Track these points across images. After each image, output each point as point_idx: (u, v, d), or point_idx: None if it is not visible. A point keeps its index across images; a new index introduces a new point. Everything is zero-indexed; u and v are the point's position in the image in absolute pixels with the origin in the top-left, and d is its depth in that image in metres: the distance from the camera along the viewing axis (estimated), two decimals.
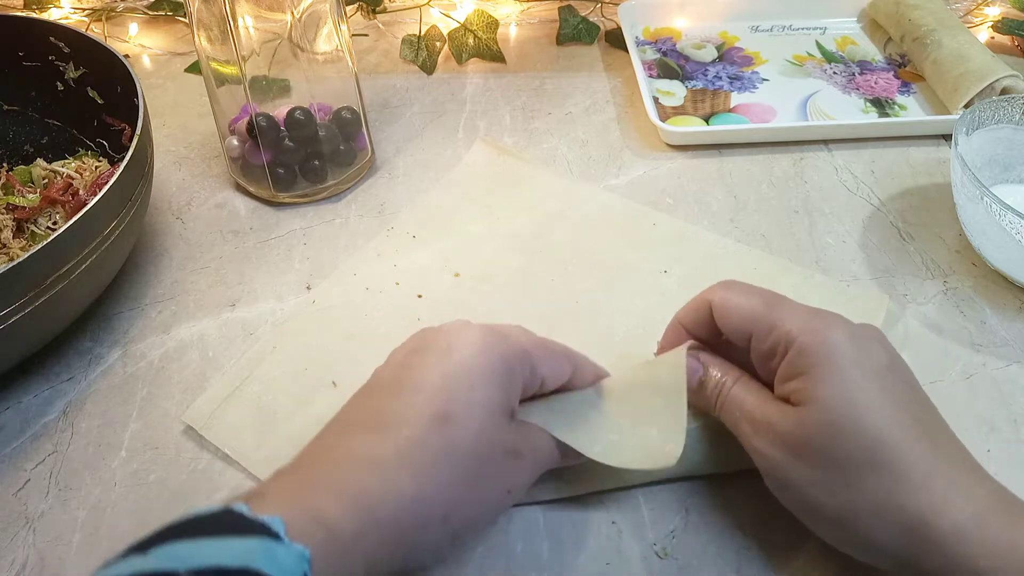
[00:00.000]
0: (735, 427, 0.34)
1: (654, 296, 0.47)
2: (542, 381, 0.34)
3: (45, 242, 0.37)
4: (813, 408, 0.31)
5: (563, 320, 0.46)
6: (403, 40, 0.69)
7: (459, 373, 0.31)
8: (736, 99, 0.63)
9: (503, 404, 0.32)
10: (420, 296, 0.47)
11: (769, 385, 0.34)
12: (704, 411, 0.36)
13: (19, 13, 0.67)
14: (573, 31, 0.71)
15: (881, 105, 0.62)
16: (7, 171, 0.54)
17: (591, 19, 0.72)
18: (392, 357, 0.34)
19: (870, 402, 0.30)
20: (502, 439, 0.32)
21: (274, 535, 0.26)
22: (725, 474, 0.38)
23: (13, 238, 0.49)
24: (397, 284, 0.48)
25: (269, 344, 0.45)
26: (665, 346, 0.38)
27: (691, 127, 0.60)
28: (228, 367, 0.44)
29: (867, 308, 0.46)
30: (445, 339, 0.33)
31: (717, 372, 0.36)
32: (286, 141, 0.52)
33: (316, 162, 0.54)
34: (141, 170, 0.45)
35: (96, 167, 0.53)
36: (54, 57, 0.53)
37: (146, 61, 0.70)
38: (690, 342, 0.37)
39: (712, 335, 0.36)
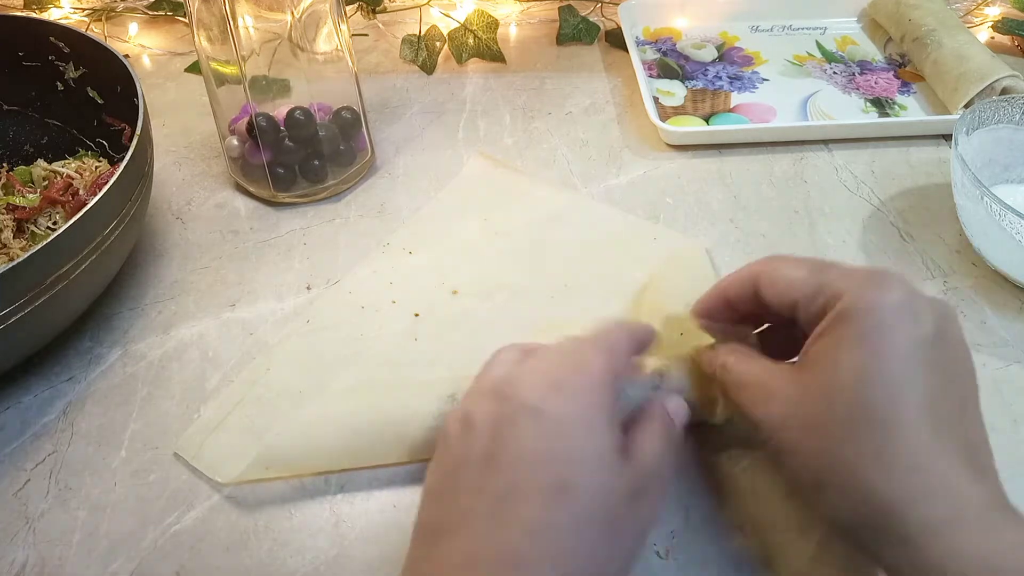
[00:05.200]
0: (737, 397, 0.33)
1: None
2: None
3: (45, 242, 0.37)
4: (819, 368, 0.30)
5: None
6: (403, 40, 0.69)
7: (557, 431, 0.29)
8: (736, 99, 0.63)
9: (612, 442, 0.30)
10: (417, 315, 0.46)
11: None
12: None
13: (19, 13, 0.67)
14: (573, 31, 0.71)
15: (881, 105, 0.62)
16: (7, 171, 0.54)
17: (591, 19, 0.72)
18: (471, 420, 0.31)
19: (883, 375, 0.28)
20: (622, 484, 0.29)
21: None
22: (725, 474, 0.39)
23: (13, 238, 0.49)
24: (393, 303, 0.47)
25: (263, 366, 0.44)
26: (703, 311, 0.37)
27: (691, 127, 0.60)
28: (222, 390, 0.43)
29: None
30: (528, 403, 0.29)
31: (719, 354, 0.35)
32: (286, 141, 0.52)
33: (316, 162, 0.54)
34: (141, 170, 0.45)
35: (96, 167, 0.53)
36: (54, 57, 0.53)
37: (146, 61, 0.70)
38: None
39: (753, 309, 0.35)
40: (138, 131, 0.44)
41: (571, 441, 0.29)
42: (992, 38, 0.71)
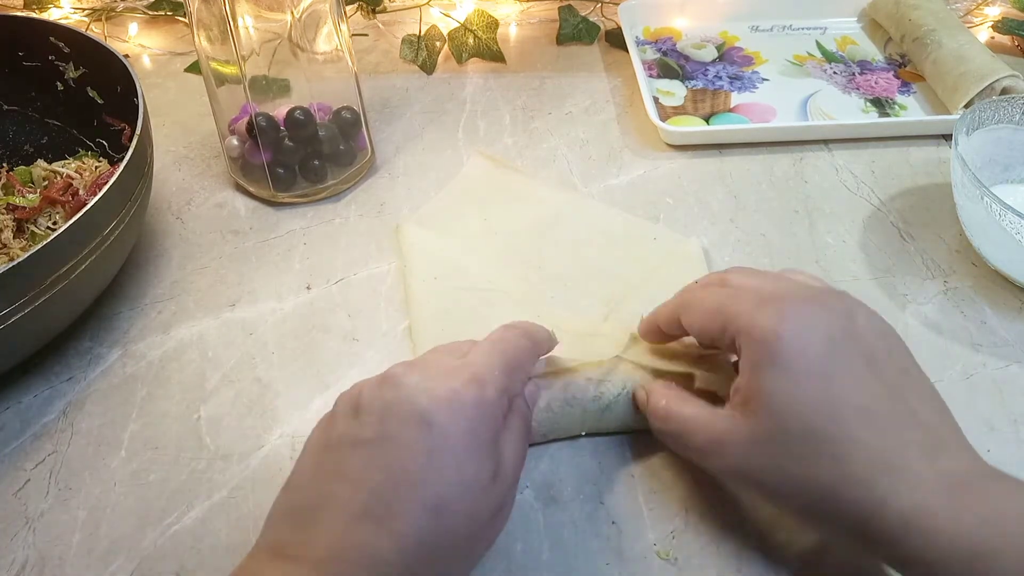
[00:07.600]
0: (684, 452, 0.35)
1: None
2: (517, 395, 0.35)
3: (45, 242, 0.37)
4: (754, 409, 0.31)
5: (563, 339, 0.44)
6: (403, 40, 0.69)
7: (444, 450, 0.29)
8: (736, 99, 0.63)
9: (490, 466, 0.30)
10: None
11: None
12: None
13: (19, 13, 0.67)
14: (573, 31, 0.71)
15: (881, 105, 0.62)
16: (7, 171, 0.54)
17: (591, 19, 0.72)
18: (359, 404, 0.31)
19: (806, 399, 0.30)
20: (489, 505, 0.31)
21: None
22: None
23: (13, 238, 0.49)
24: None
25: None
26: (645, 336, 0.39)
27: (691, 127, 0.60)
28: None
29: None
30: (419, 405, 0.30)
31: (653, 396, 0.37)
32: (286, 141, 0.52)
33: (316, 162, 0.54)
34: (141, 170, 0.45)
35: (96, 167, 0.53)
36: (54, 57, 0.53)
37: (146, 61, 0.70)
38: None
39: (685, 334, 0.37)
40: (138, 131, 0.44)
41: (452, 462, 0.29)
42: (992, 38, 0.71)
